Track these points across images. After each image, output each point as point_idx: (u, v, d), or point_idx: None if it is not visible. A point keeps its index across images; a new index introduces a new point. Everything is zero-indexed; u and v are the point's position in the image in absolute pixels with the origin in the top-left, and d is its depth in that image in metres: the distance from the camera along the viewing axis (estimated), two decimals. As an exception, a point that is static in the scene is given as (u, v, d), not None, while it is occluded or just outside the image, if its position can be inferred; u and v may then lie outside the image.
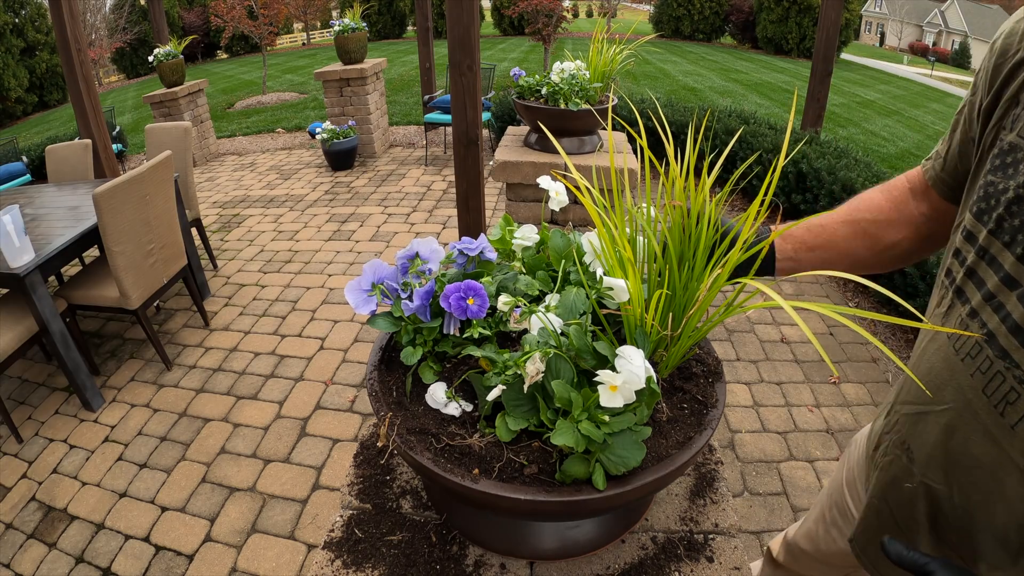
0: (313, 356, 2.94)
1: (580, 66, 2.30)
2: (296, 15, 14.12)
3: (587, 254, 0.71)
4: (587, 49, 2.39)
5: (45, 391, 2.83)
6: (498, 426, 0.58)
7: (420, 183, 5.31)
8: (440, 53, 10.86)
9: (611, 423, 0.53)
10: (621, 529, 0.69)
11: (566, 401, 0.54)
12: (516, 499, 0.52)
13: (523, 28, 13.88)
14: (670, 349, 0.62)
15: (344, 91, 5.84)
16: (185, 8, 18.85)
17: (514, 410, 0.58)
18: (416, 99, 9.00)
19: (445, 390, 0.64)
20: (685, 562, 0.67)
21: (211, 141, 6.73)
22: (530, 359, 0.56)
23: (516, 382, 0.57)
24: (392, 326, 0.68)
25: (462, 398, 0.65)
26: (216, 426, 2.52)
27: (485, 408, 0.61)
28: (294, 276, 3.76)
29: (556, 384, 0.55)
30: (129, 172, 2.52)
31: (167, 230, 2.85)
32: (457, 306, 0.63)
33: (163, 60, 5.91)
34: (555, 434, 0.53)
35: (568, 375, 0.56)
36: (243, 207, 5.06)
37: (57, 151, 3.53)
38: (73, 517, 2.12)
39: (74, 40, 3.75)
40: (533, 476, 0.56)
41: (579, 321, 0.61)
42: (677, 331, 0.60)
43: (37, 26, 13.95)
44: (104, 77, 18.71)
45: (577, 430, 0.53)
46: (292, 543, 1.97)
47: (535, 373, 0.55)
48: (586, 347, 0.58)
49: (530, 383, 0.56)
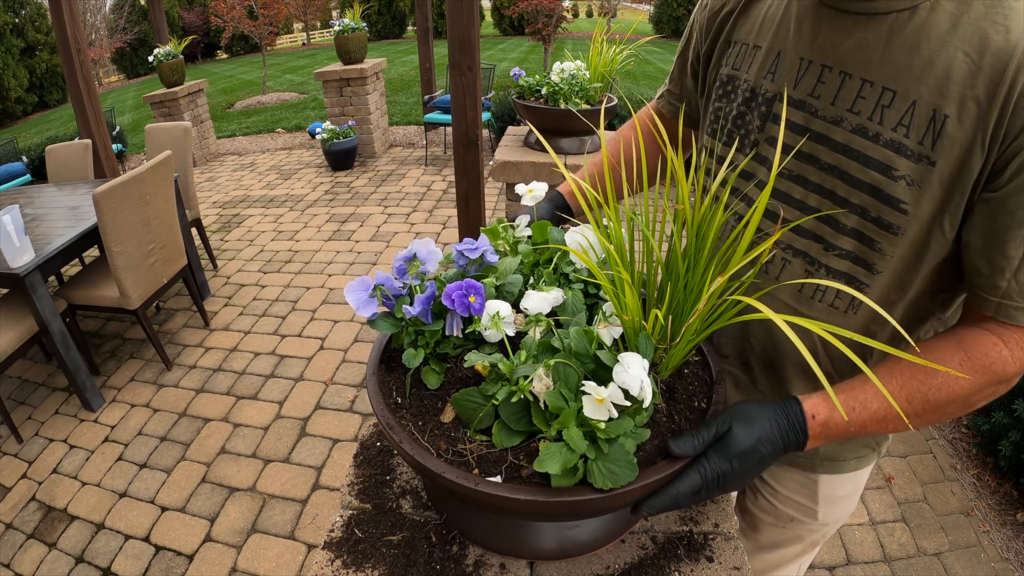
0: (313, 356, 2.94)
1: (580, 66, 2.29)
2: (296, 15, 14.12)
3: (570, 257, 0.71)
4: (587, 49, 2.39)
5: (45, 391, 2.83)
6: (495, 434, 0.59)
7: (420, 183, 5.31)
8: (440, 53, 10.85)
9: (607, 429, 0.53)
10: (621, 529, 0.69)
11: (558, 410, 0.54)
12: (516, 499, 0.52)
13: (523, 28, 13.88)
14: (670, 351, 0.62)
15: (344, 91, 5.84)
16: (185, 8, 18.85)
17: (515, 423, 0.58)
18: (416, 99, 9.00)
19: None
20: (685, 562, 0.67)
21: (211, 141, 6.73)
22: (536, 377, 0.55)
23: (516, 399, 0.57)
24: (393, 328, 0.68)
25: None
26: (216, 426, 2.52)
27: (474, 430, 0.60)
28: (294, 276, 3.76)
29: (548, 395, 0.54)
30: (129, 172, 2.52)
31: (167, 230, 2.85)
32: (460, 303, 0.64)
33: (163, 60, 5.91)
34: (540, 461, 0.52)
35: (573, 381, 0.56)
36: (243, 207, 5.06)
37: (57, 151, 3.53)
38: (73, 517, 2.12)
39: (74, 40, 3.74)
40: (532, 476, 0.56)
41: (584, 325, 0.62)
42: (676, 339, 0.60)
43: (37, 26, 13.94)
44: (104, 77, 18.71)
45: (567, 447, 0.52)
46: (292, 543, 1.97)
47: (544, 390, 0.55)
48: (585, 352, 0.58)
49: (543, 399, 0.55)
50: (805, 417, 0.62)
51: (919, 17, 0.60)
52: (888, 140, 0.63)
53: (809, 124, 0.69)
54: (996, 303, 0.62)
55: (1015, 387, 2.04)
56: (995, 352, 0.61)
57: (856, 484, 0.94)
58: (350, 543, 0.69)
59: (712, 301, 0.57)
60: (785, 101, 0.62)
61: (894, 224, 0.65)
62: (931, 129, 0.60)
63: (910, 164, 0.62)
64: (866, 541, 1.91)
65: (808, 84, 0.69)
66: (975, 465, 2.17)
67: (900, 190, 0.63)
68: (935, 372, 0.62)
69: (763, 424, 0.60)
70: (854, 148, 0.65)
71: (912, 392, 0.63)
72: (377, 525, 0.71)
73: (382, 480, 0.78)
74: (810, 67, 0.68)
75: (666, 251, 0.62)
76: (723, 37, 0.80)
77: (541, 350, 0.61)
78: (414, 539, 0.69)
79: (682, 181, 0.60)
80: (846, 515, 0.98)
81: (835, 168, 0.67)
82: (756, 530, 1.04)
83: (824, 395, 0.63)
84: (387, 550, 0.68)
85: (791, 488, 0.94)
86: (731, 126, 0.77)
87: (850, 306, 0.72)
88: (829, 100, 0.67)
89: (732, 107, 0.76)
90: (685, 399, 0.66)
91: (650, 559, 0.67)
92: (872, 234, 0.67)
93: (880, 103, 0.63)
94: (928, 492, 2.07)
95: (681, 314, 0.60)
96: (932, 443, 2.28)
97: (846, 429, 0.63)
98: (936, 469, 2.16)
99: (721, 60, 0.80)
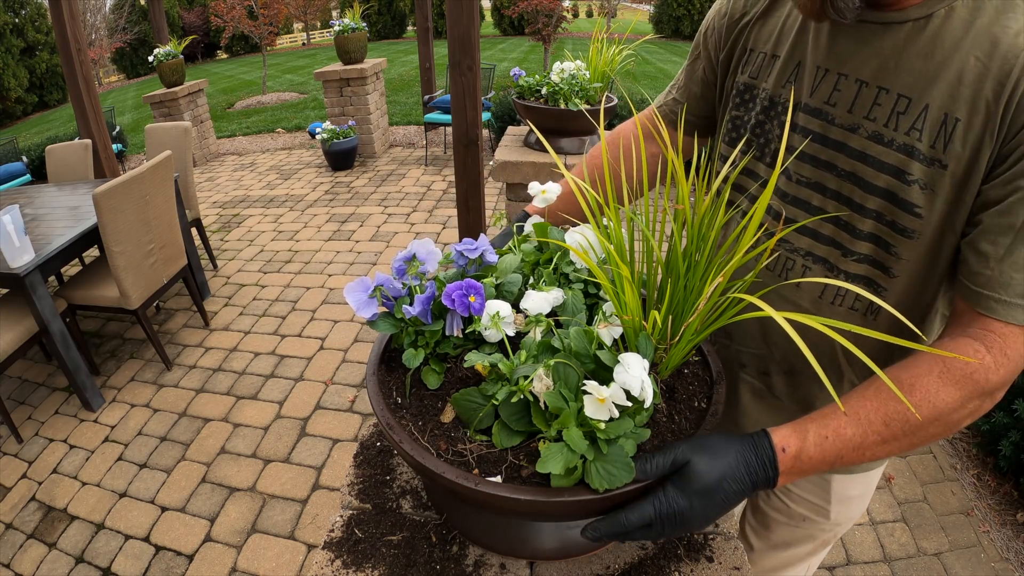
0: (313, 356, 2.94)
1: (580, 66, 2.29)
2: (296, 15, 14.11)
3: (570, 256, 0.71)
4: (587, 49, 2.39)
5: (45, 391, 2.83)
6: (495, 434, 0.59)
7: (420, 183, 5.31)
8: (440, 53, 10.85)
9: (607, 429, 0.53)
10: (621, 529, 0.69)
11: (558, 411, 0.54)
12: (517, 499, 0.52)
13: (523, 28, 13.87)
14: (670, 351, 0.62)
15: (344, 91, 5.84)
16: (185, 8, 18.84)
17: (515, 423, 0.58)
18: (416, 99, 8.99)
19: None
20: (685, 562, 0.67)
21: (211, 141, 6.73)
22: (536, 377, 0.55)
23: (516, 399, 0.57)
24: (393, 328, 0.68)
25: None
26: (216, 426, 2.52)
27: (474, 430, 0.60)
28: (294, 276, 3.76)
29: (548, 395, 0.54)
30: (129, 172, 2.52)
31: (167, 230, 2.85)
32: (460, 303, 0.64)
33: (163, 60, 5.91)
34: (542, 461, 0.52)
35: (573, 381, 0.56)
36: (243, 207, 5.06)
37: (57, 151, 3.53)
38: (73, 517, 2.12)
39: (74, 40, 3.74)
40: (532, 476, 0.56)
41: (584, 325, 0.61)
42: (676, 339, 0.60)
43: (37, 26, 13.94)
44: (104, 77, 18.71)
45: (567, 447, 0.52)
46: (292, 543, 1.97)
47: (544, 390, 0.55)
48: (586, 352, 0.58)
49: (543, 399, 0.55)
50: (775, 450, 0.58)
51: (934, 25, 0.61)
52: (901, 144, 0.64)
53: (827, 132, 0.70)
54: (978, 293, 0.61)
55: (1015, 387, 2.04)
56: (976, 359, 0.59)
57: (868, 484, 0.95)
58: (350, 543, 0.69)
59: (713, 300, 0.57)
60: (790, 107, 0.64)
61: (909, 228, 0.66)
62: (942, 132, 0.61)
63: (923, 168, 0.63)
64: (866, 541, 1.91)
65: (824, 92, 0.69)
66: (975, 465, 2.17)
67: (914, 194, 0.64)
68: (913, 388, 0.59)
69: (728, 460, 0.56)
70: (870, 154, 0.66)
71: (889, 413, 0.59)
72: (377, 525, 0.71)
73: (382, 480, 0.78)
74: (826, 75, 0.69)
75: (666, 251, 0.62)
76: (741, 45, 0.81)
77: (541, 350, 0.61)
78: (414, 539, 0.69)
79: (682, 181, 0.60)
80: (857, 515, 0.99)
81: (852, 175, 0.68)
82: (768, 529, 1.05)
83: (795, 426, 0.60)
84: (387, 550, 0.68)
85: (804, 488, 0.96)
86: (750, 135, 0.78)
87: (869, 310, 0.73)
88: (846, 108, 0.68)
89: (751, 116, 0.78)
90: (685, 399, 0.66)
91: (650, 559, 0.67)
92: (888, 238, 0.68)
93: (896, 110, 0.64)
94: (928, 492, 2.07)
95: (681, 314, 0.60)
96: (932, 443, 2.28)
97: (821, 459, 0.59)
98: (936, 469, 2.17)
99: (738, 68, 0.81)
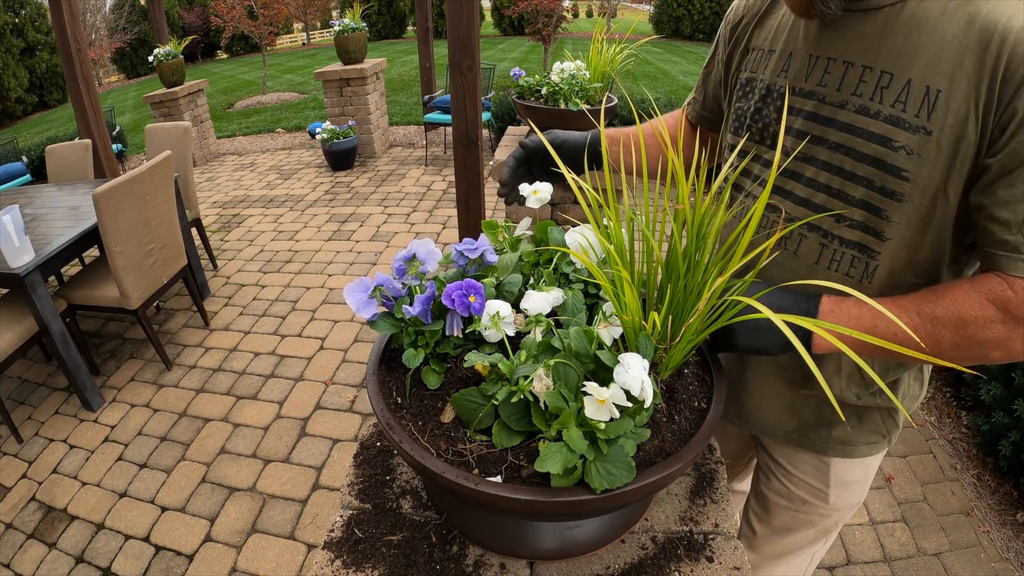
0: (313, 356, 2.94)
1: (580, 66, 2.29)
2: (296, 15, 14.12)
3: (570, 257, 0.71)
4: (587, 49, 2.39)
5: (45, 391, 2.83)
6: (495, 434, 0.59)
7: (420, 183, 5.31)
8: (440, 53, 10.85)
9: (607, 429, 0.53)
10: (621, 529, 0.69)
11: (558, 411, 0.54)
12: (516, 499, 0.52)
13: (523, 28, 13.87)
14: (670, 351, 0.62)
15: (344, 91, 5.83)
16: (185, 8, 18.84)
17: (515, 423, 0.58)
18: (416, 99, 8.99)
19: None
20: (685, 562, 0.67)
21: (211, 141, 6.73)
22: (536, 377, 0.55)
23: (516, 399, 0.57)
24: (393, 328, 0.68)
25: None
26: (216, 426, 2.52)
27: (474, 430, 0.60)
28: (294, 276, 3.76)
29: (548, 395, 0.54)
30: (129, 172, 2.52)
31: (167, 230, 2.85)
32: (461, 303, 0.64)
33: (163, 60, 5.91)
34: (541, 460, 0.52)
35: (573, 381, 0.56)
36: (243, 207, 5.06)
37: (57, 151, 3.53)
38: (73, 517, 2.12)
39: (74, 40, 3.74)
40: (532, 476, 0.56)
41: (584, 325, 0.61)
42: (676, 339, 0.60)
43: (37, 26, 13.94)
44: (104, 77, 18.71)
45: (567, 447, 0.52)
46: (292, 543, 1.97)
47: (544, 390, 0.55)
48: (586, 352, 0.58)
49: (543, 399, 0.55)
50: (819, 297, 0.71)
51: (908, 8, 0.68)
52: (888, 115, 0.70)
53: (818, 110, 0.77)
54: (1004, 257, 0.66)
55: (1015, 387, 2.04)
56: (1000, 289, 0.66)
57: (867, 470, 0.99)
58: (350, 543, 0.69)
59: (713, 300, 0.57)
60: (787, 92, 0.73)
61: (897, 192, 0.71)
62: (925, 103, 0.67)
63: (908, 135, 0.69)
64: (866, 541, 1.91)
65: (816, 76, 0.77)
66: (975, 465, 2.17)
67: (900, 159, 0.70)
68: (943, 292, 0.68)
69: (776, 293, 0.70)
70: (858, 126, 0.73)
71: (922, 307, 0.68)
72: (377, 525, 0.71)
73: (382, 480, 0.78)
74: (817, 61, 0.77)
75: (666, 251, 0.62)
76: (742, 45, 0.90)
77: (541, 350, 0.61)
78: (414, 539, 0.69)
79: (682, 181, 0.60)
80: (856, 502, 1.03)
81: (842, 146, 0.75)
82: (769, 513, 1.10)
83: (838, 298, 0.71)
84: (387, 550, 0.68)
85: (804, 470, 1.00)
86: (750, 121, 0.86)
87: (864, 274, 0.77)
88: (835, 87, 0.75)
89: (750, 105, 0.86)
90: (685, 399, 0.66)
91: (650, 559, 0.67)
92: (878, 203, 0.73)
93: (879, 85, 0.71)
94: (928, 492, 2.07)
95: (681, 314, 0.60)
96: (932, 443, 2.28)
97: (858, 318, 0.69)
98: (936, 469, 2.16)
99: (741, 66, 0.91)
